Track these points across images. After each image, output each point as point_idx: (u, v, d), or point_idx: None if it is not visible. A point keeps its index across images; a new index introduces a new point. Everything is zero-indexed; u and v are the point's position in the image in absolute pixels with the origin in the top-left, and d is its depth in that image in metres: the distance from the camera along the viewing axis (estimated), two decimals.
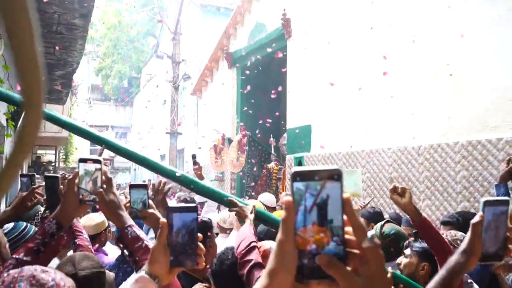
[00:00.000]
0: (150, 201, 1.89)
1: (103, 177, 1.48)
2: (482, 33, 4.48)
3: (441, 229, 3.12)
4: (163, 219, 1.08)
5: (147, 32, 24.15)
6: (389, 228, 2.52)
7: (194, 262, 1.09)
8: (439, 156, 4.87)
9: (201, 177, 5.16)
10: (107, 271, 1.90)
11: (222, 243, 3.86)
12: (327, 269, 0.63)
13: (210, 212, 4.55)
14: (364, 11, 6.04)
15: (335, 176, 0.64)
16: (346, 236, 0.65)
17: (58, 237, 1.45)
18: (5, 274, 1.13)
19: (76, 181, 1.48)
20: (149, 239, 1.47)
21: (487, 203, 1.24)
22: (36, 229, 2.49)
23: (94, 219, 3.19)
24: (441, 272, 1.31)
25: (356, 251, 0.65)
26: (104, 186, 1.49)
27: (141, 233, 1.46)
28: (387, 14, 5.66)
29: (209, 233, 2.60)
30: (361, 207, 4.32)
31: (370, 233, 0.68)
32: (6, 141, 5.42)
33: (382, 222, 2.59)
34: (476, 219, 1.24)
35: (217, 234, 4.01)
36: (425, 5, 5.12)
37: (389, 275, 0.67)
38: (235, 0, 13.14)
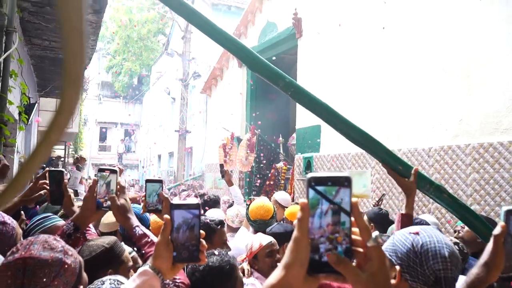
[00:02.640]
0: (165, 195, 1.96)
1: (118, 186, 1.69)
2: (495, 34, 4.44)
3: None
4: (166, 216, 1.13)
5: (158, 30, 24.26)
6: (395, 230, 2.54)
7: (196, 258, 1.13)
8: (450, 158, 4.83)
9: (230, 183, 5.19)
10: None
11: (227, 242, 3.86)
12: (335, 265, 0.73)
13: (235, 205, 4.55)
14: (376, 11, 6.01)
15: (346, 182, 0.74)
16: (353, 236, 0.75)
17: (75, 238, 1.63)
18: (24, 240, 1.34)
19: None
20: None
21: (508, 212, 1.17)
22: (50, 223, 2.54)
23: (109, 217, 3.18)
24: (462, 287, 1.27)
25: (360, 249, 0.75)
26: (118, 192, 1.70)
27: (146, 231, 1.66)
28: (399, 14, 5.63)
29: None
30: (374, 204, 4.30)
31: (374, 234, 0.77)
32: (19, 134, 5.46)
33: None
34: (497, 230, 1.17)
35: None
36: (438, 5, 5.09)
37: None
38: None
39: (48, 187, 2.28)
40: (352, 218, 0.74)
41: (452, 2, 4.92)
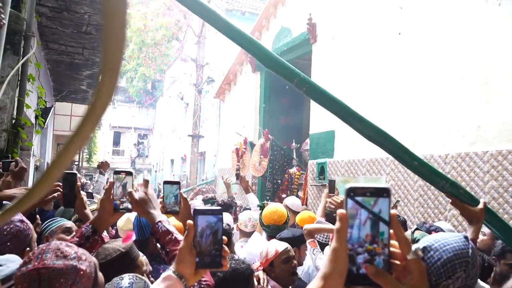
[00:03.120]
0: (184, 195, 1.97)
1: (141, 183, 1.69)
2: None
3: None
4: (190, 221, 1.13)
5: (172, 36, 24.45)
6: (419, 234, 2.51)
7: (219, 264, 1.12)
8: (467, 166, 4.75)
9: (247, 190, 5.17)
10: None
11: (240, 247, 3.84)
12: (375, 278, 0.72)
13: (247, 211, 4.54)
14: (392, 16, 5.96)
15: (385, 194, 0.74)
16: (391, 249, 0.74)
17: (93, 240, 1.63)
18: (36, 249, 1.32)
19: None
20: None
21: None
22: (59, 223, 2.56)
23: (124, 223, 3.18)
24: None
25: (398, 262, 0.74)
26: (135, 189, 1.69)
27: (170, 227, 1.57)
28: (415, 20, 5.58)
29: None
30: None
31: (414, 247, 0.76)
32: (35, 138, 5.52)
33: (413, 229, 2.61)
34: None
35: None
36: (455, 11, 5.03)
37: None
38: (260, 5, 13.21)
39: (61, 190, 2.28)
40: (391, 230, 0.73)
41: (470, 8, 4.86)
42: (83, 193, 2.21)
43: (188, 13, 19.30)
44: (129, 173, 1.70)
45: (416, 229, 2.66)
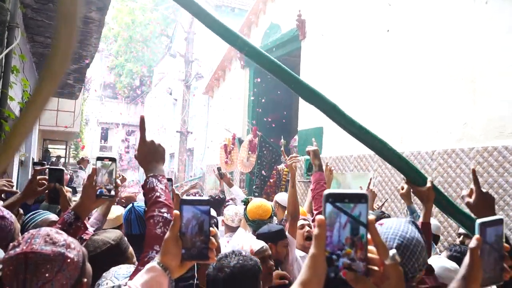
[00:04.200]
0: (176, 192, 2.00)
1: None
2: (501, 39, 4.41)
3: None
4: (176, 211, 1.09)
5: (161, 32, 24.29)
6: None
7: (205, 256, 1.09)
8: (453, 162, 4.79)
9: (230, 184, 5.33)
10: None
11: (226, 242, 3.81)
12: (353, 283, 0.72)
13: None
14: (380, 13, 5.98)
15: (363, 199, 0.73)
16: (369, 255, 0.74)
17: (75, 226, 1.64)
18: (26, 233, 1.31)
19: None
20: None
21: (482, 225, 1.17)
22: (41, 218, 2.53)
23: (113, 211, 3.13)
24: None
25: (376, 268, 0.74)
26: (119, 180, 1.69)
27: (160, 185, 1.46)
28: (404, 17, 5.60)
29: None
30: (375, 209, 4.28)
31: (391, 252, 0.76)
32: None
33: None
34: (473, 243, 1.16)
35: None
36: (443, 8, 5.06)
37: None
38: (250, 1, 13.15)
39: (46, 183, 2.25)
40: (369, 236, 0.74)
41: (458, 6, 4.89)
42: (67, 189, 2.18)
43: (177, 8, 19.19)
44: (112, 159, 1.67)
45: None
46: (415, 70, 5.36)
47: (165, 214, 1.36)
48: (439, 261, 2.46)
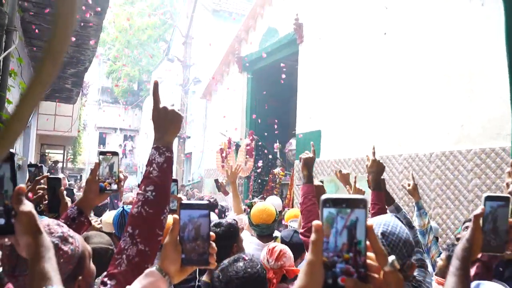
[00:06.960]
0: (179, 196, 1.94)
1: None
2: (497, 40, 4.42)
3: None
4: (175, 216, 1.06)
5: (159, 36, 24.32)
6: None
7: (206, 261, 1.06)
8: (451, 164, 4.80)
9: (226, 193, 5.40)
10: None
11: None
12: None
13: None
14: (377, 16, 6.01)
15: (361, 205, 0.71)
16: (368, 261, 0.72)
17: (79, 222, 1.59)
18: None
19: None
20: None
21: (488, 198, 1.36)
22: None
23: (110, 216, 3.07)
24: (454, 261, 1.37)
25: (376, 275, 0.72)
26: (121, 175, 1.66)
27: (156, 158, 1.34)
28: (401, 20, 5.62)
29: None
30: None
31: (390, 258, 0.75)
32: None
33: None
34: (477, 211, 1.33)
35: None
36: (440, 11, 5.08)
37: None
38: (247, 6, 13.20)
39: (44, 191, 2.22)
40: (368, 242, 0.72)
41: (454, 8, 4.92)
42: (68, 199, 2.16)
43: (175, 14, 19.23)
44: (115, 153, 1.65)
45: None
46: (412, 73, 5.38)
47: (148, 193, 1.25)
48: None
